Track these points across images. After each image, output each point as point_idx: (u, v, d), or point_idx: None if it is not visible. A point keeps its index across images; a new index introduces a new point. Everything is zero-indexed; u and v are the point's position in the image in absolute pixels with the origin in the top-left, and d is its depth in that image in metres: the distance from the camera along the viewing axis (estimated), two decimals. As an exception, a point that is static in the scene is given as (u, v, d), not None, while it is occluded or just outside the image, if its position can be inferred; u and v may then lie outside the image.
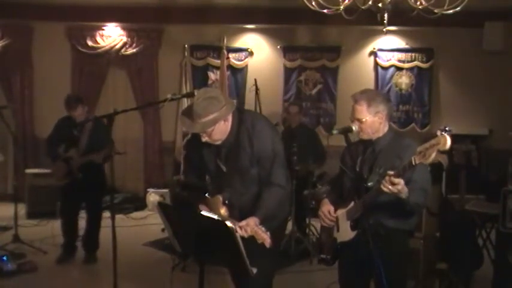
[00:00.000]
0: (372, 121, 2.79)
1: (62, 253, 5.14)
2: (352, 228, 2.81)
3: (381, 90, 7.58)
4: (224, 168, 3.01)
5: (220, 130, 2.87)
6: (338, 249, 2.94)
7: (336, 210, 2.94)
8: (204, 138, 2.87)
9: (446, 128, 2.33)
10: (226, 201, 2.94)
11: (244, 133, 2.93)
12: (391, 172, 2.44)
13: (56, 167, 5.07)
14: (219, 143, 2.94)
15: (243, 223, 2.69)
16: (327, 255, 3.00)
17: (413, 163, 2.37)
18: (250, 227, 2.65)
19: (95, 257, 5.18)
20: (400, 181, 2.42)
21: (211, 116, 2.77)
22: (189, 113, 2.83)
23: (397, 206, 2.64)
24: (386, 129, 2.84)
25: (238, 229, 2.59)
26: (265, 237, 2.60)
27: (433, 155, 2.28)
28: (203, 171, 3.18)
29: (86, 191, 5.05)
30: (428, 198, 2.75)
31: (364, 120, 2.77)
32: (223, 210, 2.90)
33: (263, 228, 2.63)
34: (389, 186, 2.43)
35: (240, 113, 3.01)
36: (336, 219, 2.93)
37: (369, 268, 2.72)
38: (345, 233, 2.86)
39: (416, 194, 2.57)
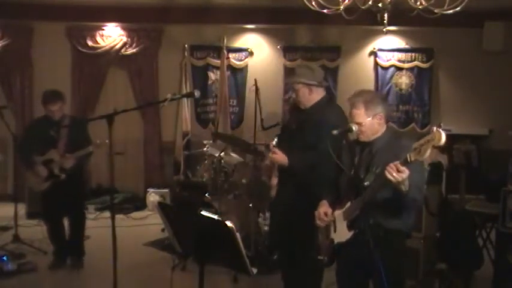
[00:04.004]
0: (371, 123, 2.80)
1: (53, 260, 5.00)
2: (349, 228, 2.81)
3: (380, 90, 7.60)
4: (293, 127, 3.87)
5: (304, 95, 3.70)
6: (335, 250, 2.94)
7: (333, 211, 2.94)
8: (294, 94, 3.79)
9: (441, 124, 2.35)
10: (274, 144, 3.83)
11: (314, 114, 3.65)
12: (398, 162, 2.43)
13: (35, 173, 4.81)
14: (303, 107, 3.75)
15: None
16: (324, 257, 3.00)
17: (409, 160, 2.37)
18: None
19: (81, 263, 5.02)
20: (406, 170, 2.41)
21: (300, 79, 3.70)
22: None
23: (394, 204, 2.64)
24: (383, 129, 2.85)
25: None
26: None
27: (428, 151, 2.29)
28: None
29: (66, 194, 4.81)
30: (423, 196, 2.76)
31: (363, 123, 2.78)
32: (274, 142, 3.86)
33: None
34: (394, 174, 2.41)
35: (329, 101, 3.90)
36: (333, 220, 2.93)
37: (367, 268, 2.72)
38: (342, 233, 2.86)
39: (412, 190, 2.56)
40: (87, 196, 5.41)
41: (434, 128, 2.27)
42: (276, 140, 3.89)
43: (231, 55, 7.69)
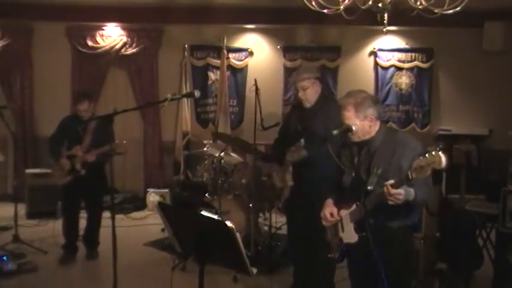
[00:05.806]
0: (362, 125, 2.81)
1: (64, 254, 5.15)
2: (357, 231, 2.81)
3: (380, 90, 7.60)
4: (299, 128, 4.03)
5: (312, 93, 3.86)
6: (343, 251, 2.95)
7: (339, 209, 2.94)
8: (300, 93, 3.88)
9: (440, 146, 2.42)
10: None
11: (320, 108, 3.85)
12: (391, 182, 2.49)
13: (59, 165, 5.09)
14: (308, 106, 3.89)
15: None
16: (335, 254, 3.01)
17: (410, 177, 2.43)
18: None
19: (96, 253, 5.26)
20: (400, 192, 2.49)
21: (309, 75, 3.92)
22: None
23: (399, 205, 2.64)
24: (377, 128, 2.85)
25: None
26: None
27: (429, 171, 2.36)
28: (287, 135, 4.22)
29: (88, 190, 5.13)
30: (431, 193, 2.78)
31: (353, 125, 2.80)
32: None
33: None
34: (391, 199, 2.50)
35: (327, 96, 4.24)
36: (340, 219, 2.93)
37: (376, 268, 2.72)
38: (350, 234, 2.87)
39: (422, 190, 2.62)
40: (108, 191, 5.56)
41: (434, 151, 2.32)
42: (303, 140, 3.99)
43: (231, 55, 7.69)
